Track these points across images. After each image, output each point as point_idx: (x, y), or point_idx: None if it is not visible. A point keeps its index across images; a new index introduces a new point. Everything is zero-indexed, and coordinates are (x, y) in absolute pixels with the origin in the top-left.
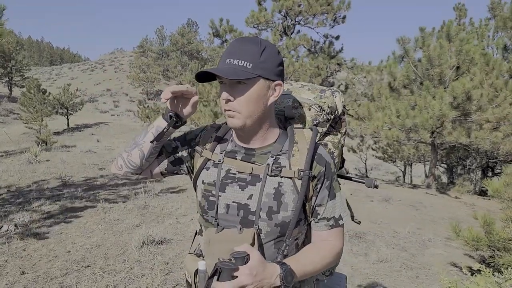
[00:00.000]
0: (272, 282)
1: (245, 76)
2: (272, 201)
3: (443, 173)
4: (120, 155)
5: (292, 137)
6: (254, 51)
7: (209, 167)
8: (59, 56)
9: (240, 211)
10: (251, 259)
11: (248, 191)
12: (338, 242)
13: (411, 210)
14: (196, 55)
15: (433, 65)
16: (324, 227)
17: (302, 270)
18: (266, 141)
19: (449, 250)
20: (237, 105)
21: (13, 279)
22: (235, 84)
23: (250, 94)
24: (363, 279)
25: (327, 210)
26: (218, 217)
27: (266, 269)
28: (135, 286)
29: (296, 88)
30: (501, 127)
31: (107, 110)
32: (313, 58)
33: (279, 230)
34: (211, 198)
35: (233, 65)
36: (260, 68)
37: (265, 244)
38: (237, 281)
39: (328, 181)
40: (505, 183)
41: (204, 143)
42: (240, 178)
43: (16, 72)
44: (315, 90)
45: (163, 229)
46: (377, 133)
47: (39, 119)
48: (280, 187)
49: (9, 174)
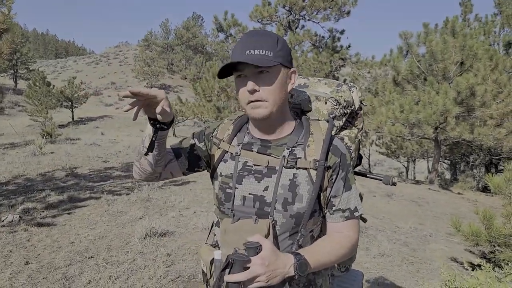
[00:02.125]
0: (286, 272)
1: (271, 64)
2: (287, 193)
3: (446, 169)
4: (135, 164)
5: (307, 128)
6: (271, 40)
7: (226, 159)
8: (64, 49)
9: (256, 203)
10: (263, 249)
11: (264, 183)
12: (353, 234)
13: (414, 205)
14: (201, 49)
15: (436, 60)
16: (340, 219)
17: (317, 261)
18: (282, 133)
19: (450, 245)
20: (263, 94)
21: (18, 269)
22: (258, 74)
23: (275, 82)
24: (364, 273)
25: (342, 201)
26: (234, 208)
27: (279, 259)
28: (138, 277)
29: (313, 83)
30: (505, 124)
31: (112, 104)
32: (317, 53)
33: (294, 222)
34: (228, 190)
35: (255, 55)
36: (280, 56)
37: (280, 236)
38: (250, 271)
39: (343, 172)
40: (506, 179)
41: (222, 135)
42: (256, 170)
43: (21, 64)
44: (332, 84)
45: (166, 222)
46: (380, 128)
47: (44, 111)
48: (295, 178)
49: (14, 165)
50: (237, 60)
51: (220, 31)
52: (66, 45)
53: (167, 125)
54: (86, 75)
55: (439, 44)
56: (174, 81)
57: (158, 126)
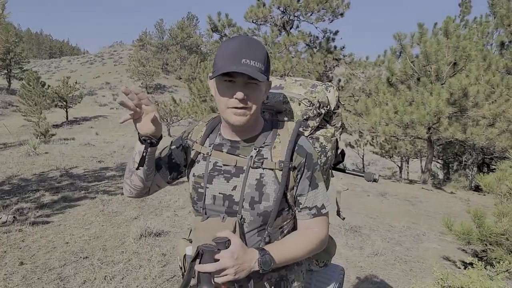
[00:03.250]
0: (252, 266)
1: (263, 79)
2: (254, 192)
3: (439, 169)
4: (125, 182)
5: (275, 129)
6: (263, 53)
7: (199, 160)
8: (58, 49)
9: (225, 202)
10: (232, 244)
11: (233, 183)
12: (322, 230)
13: (407, 205)
14: (196, 49)
15: (430, 61)
16: (307, 216)
17: (283, 256)
18: (250, 133)
19: (443, 244)
20: (249, 103)
21: (12, 270)
22: (246, 84)
23: (261, 93)
24: (358, 271)
25: (308, 200)
26: (206, 207)
27: (247, 253)
28: (133, 277)
29: (288, 84)
30: (497, 124)
31: (106, 103)
32: (311, 54)
33: (261, 220)
34: (199, 190)
35: (251, 66)
36: (267, 70)
37: (248, 232)
38: (219, 263)
39: (309, 171)
40: (497, 179)
41: (196, 137)
42: (225, 170)
43: (15, 64)
44: (307, 85)
45: (161, 221)
46: (374, 129)
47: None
48: (262, 178)
49: (8, 166)
50: (238, 70)
51: (214, 31)
52: (60, 45)
53: (157, 141)
54: (81, 75)
55: (433, 45)
56: (169, 81)
57: (148, 142)
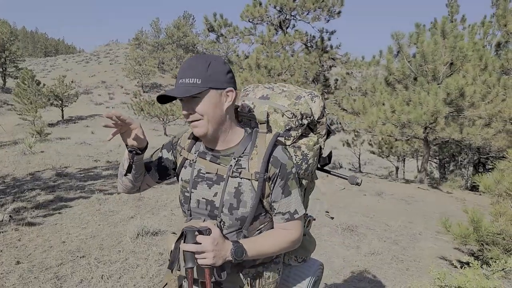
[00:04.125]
0: (227, 256)
1: (196, 91)
2: (232, 199)
3: (435, 169)
4: (118, 181)
5: (254, 141)
6: (201, 67)
7: (186, 165)
8: (53, 47)
9: (208, 206)
10: (213, 232)
11: (214, 189)
12: (295, 232)
13: (403, 204)
14: (192, 48)
15: (427, 61)
16: (281, 220)
17: (255, 250)
18: (229, 143)
19: (439, 243)
20: (197, 115)
21: (8, 269)
22: (191, 99)
23: (206, 104)
24: (355, 270)
25: (282, 206)
26: (191, 209)
27: (225, 243)
28: (130, 276)
29: (275, 94)
30: (493, 124)
31: (102, 102)
32: (307, 53)
33: (239, 223)
34: (186, 194)
35: (185, 84)
36: (209, 81)
37: (227, 234)
38: (201, 245)
39: (282, 180)
40: (496, 180)
41: (184, 143)
42: (208, 177)
43: (10, 63)
44: (292, 97)
45: (157, 221)
46: (371, 128)
47: (33, 110)
48: (240, 187)
49: (3, 165)
50: (167, 93)
51: (211, 31)
52: (55, 43)
53: (142, 150)
54: (76, 74)
55: (430, 45)
56: (165, 80)
57: (134, 152)
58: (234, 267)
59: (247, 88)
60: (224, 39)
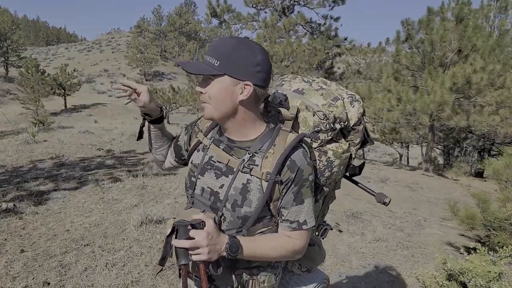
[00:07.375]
0: (222, 250)
1: (208, 72)
2: (238, 195)
3: (439, 155)
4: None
5: (273, 139)
6: (226, 49)
7: (199, 149)
8: (55, 36)
9: (211, 197)
10: (207, 226)
11: (221, 181)
12: (299, 242)
13: (408, 191)
14: (194, 35)
15: (434, 49)
16: (287, 228)
17: (252, 250)
18: (246, 136)
19: (445, 230)
20: (206, 97)
21: (13, 257)
22: (207, 79)
23: (215, 89)
24: (360, 257)
25: (291, 214)
26: (194, 196)
27: (219, 237)
28: (134, 264)
29: (311, 90)
30: (500, 110)
31: (105, 91)
32: (312, 39)
33: (240, 222)
34: (192, 179)
35: (205, 61)
36: (228, 66)
37: (227, 231)
38: (194, 241)
39: (296, 187)
40: (504, 165)
41: (203, 126)
42: (217, 166)
43: (12, 52)
44: (328, 97)
45: (161, 209)
46: (377, 115)
47: (36, 99)
48: (248, 184)
49: (6, 154)
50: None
51: (213, 16)
52: (57, 32)
53: (157, 120)
54: (78, 63)
55: (439, 31)
56: (167, 68)
57: (146, 118)
58: (228, 267)
59: (284, 77)
60: (227, 25)
